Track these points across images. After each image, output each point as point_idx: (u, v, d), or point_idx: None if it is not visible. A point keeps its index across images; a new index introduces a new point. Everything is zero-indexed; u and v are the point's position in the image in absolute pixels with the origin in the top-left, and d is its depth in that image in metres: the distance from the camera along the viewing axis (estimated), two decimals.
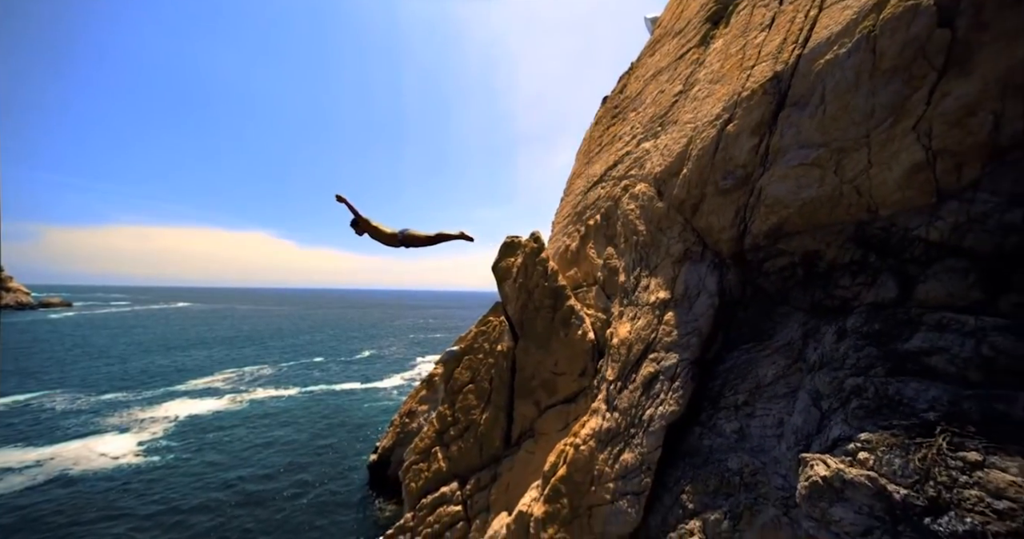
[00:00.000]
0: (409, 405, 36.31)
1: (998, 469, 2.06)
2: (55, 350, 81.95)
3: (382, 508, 29.79)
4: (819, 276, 3.90)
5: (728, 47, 5.80)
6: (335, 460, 37.13)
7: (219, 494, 28.86)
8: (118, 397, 53.36)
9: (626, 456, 4.64)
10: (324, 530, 25.65)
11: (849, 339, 3.39)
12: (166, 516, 25.50)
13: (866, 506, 2.54)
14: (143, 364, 71.89)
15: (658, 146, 6.90)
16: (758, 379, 4.13)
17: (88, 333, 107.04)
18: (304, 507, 27.98)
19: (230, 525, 24.78)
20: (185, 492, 29.60)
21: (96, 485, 29.83)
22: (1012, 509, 1.95)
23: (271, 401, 54.99)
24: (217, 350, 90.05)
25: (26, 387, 56.33)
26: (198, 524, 25.10)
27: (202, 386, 61.16)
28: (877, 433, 2.69)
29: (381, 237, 4.76)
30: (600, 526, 4.52)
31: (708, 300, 4.89)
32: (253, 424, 45.38)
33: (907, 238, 3.08)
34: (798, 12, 4.33)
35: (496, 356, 7.34)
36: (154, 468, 34.12)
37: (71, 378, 60.45)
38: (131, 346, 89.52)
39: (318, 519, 26.63)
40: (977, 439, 2.24)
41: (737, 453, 3.93)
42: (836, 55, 3.52)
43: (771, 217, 4.12)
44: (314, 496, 29.69)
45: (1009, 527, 1.93)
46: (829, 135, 3.56)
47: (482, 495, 6.86)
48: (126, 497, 28.79)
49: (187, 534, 23.38)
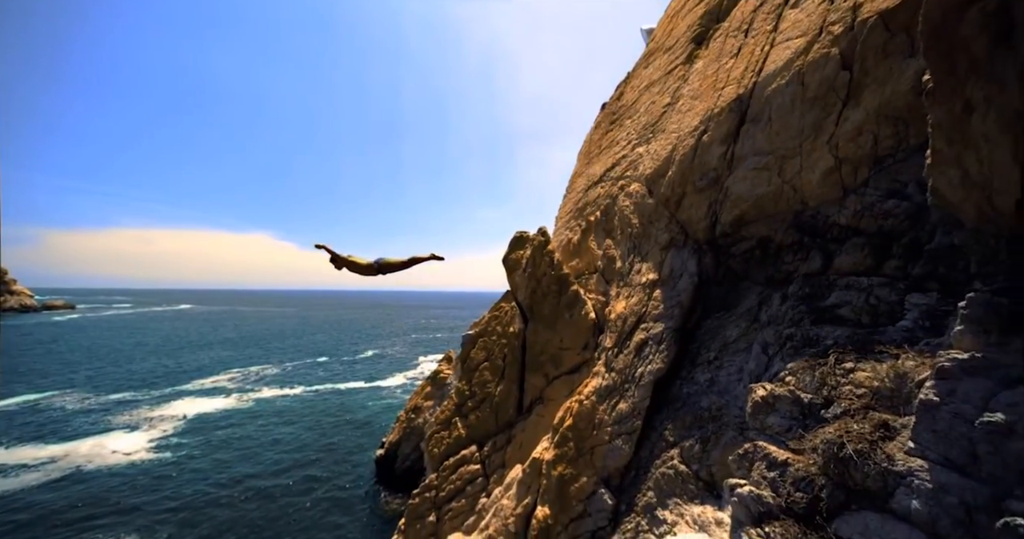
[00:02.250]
0: (415, 401, 37.30)
1: (860, 370, 3.13)
2: (61, 351, 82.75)
3: (389, 501, 30.73)
4: (771, 256, 4.96)
5: (706, 68, 6.89)
6: (342, 456, 38.05)
7: (230, 490, 29.76)
8: (126, 396, 54.22)
9: (621, 406, 5.69)
10: (333, 524, 26.61)
11: (789, 302, 4.46)
12: (179, 512, 26.46)
13: (787, 412, 3.60)
14: (149, 365, 72.71)
15: (649, 151, 7.98)
16: (725, 339, 5.18)
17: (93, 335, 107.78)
18: (313, 502, 28.91)
19: (243, 520, 25.76)
20: (196, 488, 30.53)
21: (110, 481, 30.76)
22: (865, 392, 3.02)
23: (277, 400, 55.85)
24: (221, 351, 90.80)
25: (36, 387, 57.22)
26: (211, 519, 26.03)
27: (208, 386, 61.97)
28: (798, 362, 3.75)
29: (358, 269, 5.21)
30: (600, 461, 5.56)
31: (689, 279, 5.95)
32: (260, 422, 46.28)
33: (827, 223, 4.15)
34: (756, 46, 5.41)
35: (508, 337, 8.40)
36: (165, 465, 35.01)
37: (79, 378, 61.32)
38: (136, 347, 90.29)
39: (327, 514, 27.60)
40: (853, 355, 3.30)
41: (708, 396, 4.99)
42: (779, 85, 4.60)
43: (734, 210, 5.19)
44: (323, 491, 30.59)
45: (863, 403, 2.99)
46: (774, 145, 4.63)
47: (498, 455, 7.90)
48: (139, 493, 29.73)
49: (200, 529, 24.37)
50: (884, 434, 2.71)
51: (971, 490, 2.13)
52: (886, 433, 2.71)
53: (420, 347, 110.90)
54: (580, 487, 5.58)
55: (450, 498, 7.91)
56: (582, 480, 5.60)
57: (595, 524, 5.32)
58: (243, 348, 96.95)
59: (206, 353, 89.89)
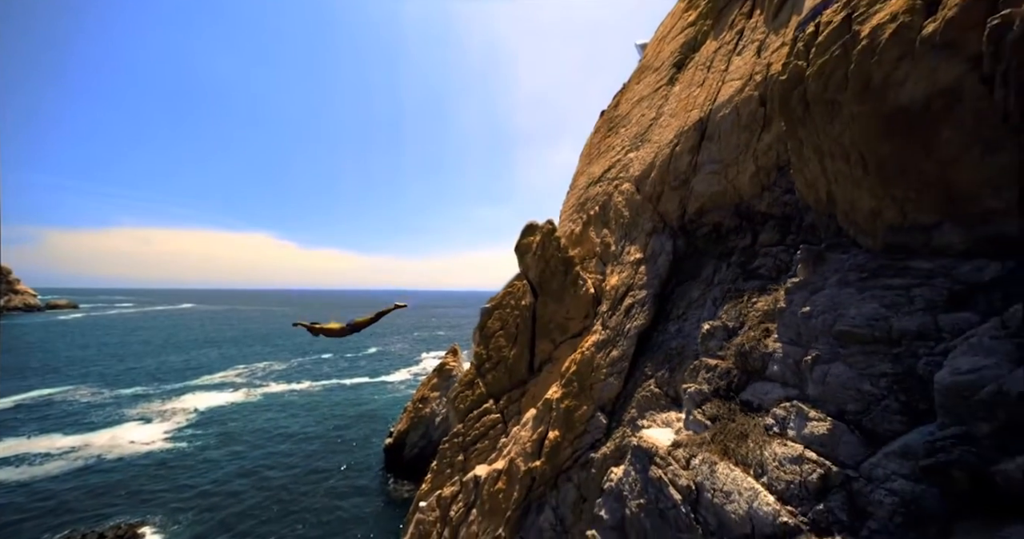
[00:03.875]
0: (422, 392, 39.08)
1: (760, 302, 4.94)
2: (71, 349, 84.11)
3: (398, 487, 32.43)
4: (722, 236, 6.78)
5: (681, 92, 8.72)
6: (350, 447, 39.77)
7: (245, 479, 31.35)
8: (138, 391, 55.78)
9: (614, 353, 7.49)
10: (346, 509, 28.35)
11: (731, 268, 6.29)
12: (198, 498, 28.11)
13: (720, 335, 5.41)
14: (157, 361, 74.13)
15: (638, 157, 9.80)
16: (690, 299, 6.99)
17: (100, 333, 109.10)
18: (326, 490, 30.56)
19: (260, 505, 27.38)
20: (213, 477, 32.19)
21: (130, 469, 32.39)
22: (760, 314, 4.83)
23: (284, 394, 57.43)
24: (227, 348, 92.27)
25: (50, 383, 58.69)
26: (229, 505, 27.58)
27: (217, 381, 63.50)
28: (729, 304, 5.56)
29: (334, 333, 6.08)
30: (597, 394, 7.35)
31: (666, 257, 7.76)
32: (269, 415, 47.93)
33: (754, 211, 5.97)
34: (713, 81, 7.23)
35: (520, 309, 10.17)
36: (182, 455, 36.63)
37: (91, 374, 62.86)
38: (143, 345, 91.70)
39: (339, 499, 29.35)
40: (759, 294, 5.12)
41: (676, 339, 6.80)
42: (725, 113, 6.42)
43: (696, 203, 7.00)
44: (334, 479, 32.20)
45: (759, 320, 4.80)
46: (721, 156, 6.45)
47: (514, 405, 9.70)
48: (158, 480, 31.37)
49: (219, 514, 25.98)
50: (765, 334, 4.53)
51: (799, 352, 3.95)
52: (766, 333, 4.53)
53: (422, 344, 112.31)
54: (581, 414, 7.38)
55: (475, 441, 9.72)
56: (583, 409, 7.40)
57: (592, 438, 7.12)
58: (248, 346, 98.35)
59: (212, 350, 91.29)
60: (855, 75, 3.09)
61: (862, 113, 3.10)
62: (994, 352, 2.39)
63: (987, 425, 2.30)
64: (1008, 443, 2.21)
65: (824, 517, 3.12)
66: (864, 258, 3.58)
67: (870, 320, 3.23)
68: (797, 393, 3.83)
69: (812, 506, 3.21)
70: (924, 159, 2.81)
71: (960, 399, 2.42)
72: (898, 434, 2.87)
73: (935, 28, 2.59)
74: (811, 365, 3.64)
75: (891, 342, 3.07)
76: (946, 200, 2.81)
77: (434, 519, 9.47)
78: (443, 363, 40.23)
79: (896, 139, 2.93)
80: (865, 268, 3.50)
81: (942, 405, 2.53)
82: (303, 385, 61.88)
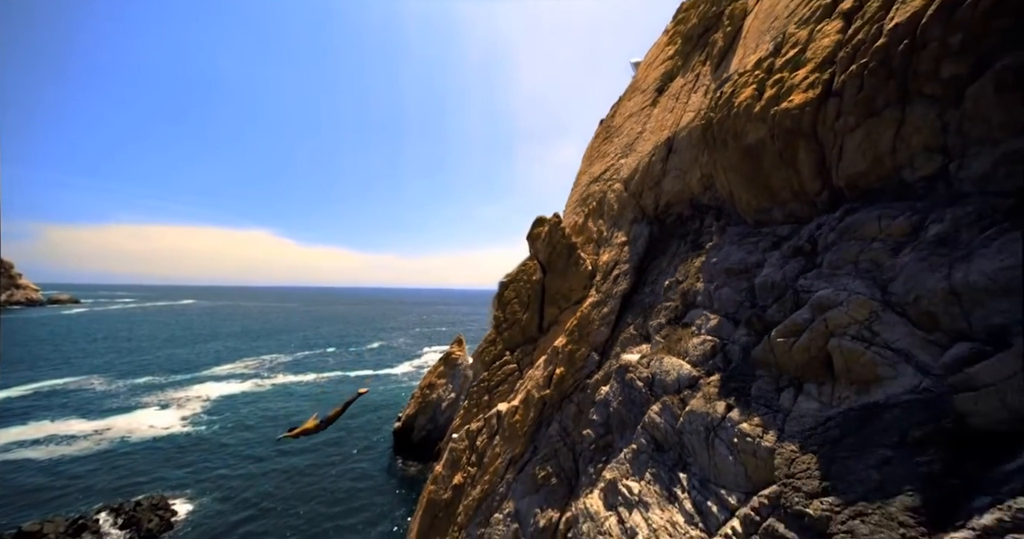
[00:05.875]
0: (429, 379, 41.77)
1: (698, 260, 7.59)
2: (79, 341, 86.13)
3: (407, 467, 35.04)
4: (683, 222, 9.42)
5: (659, 114, 11.37)
6: (359, 433, 42.37)
7: (260, 462, 33.78)
8: (150, 381, 58.10)
9: (604, 310, 10.13)
10: (358, 488, 30.93)
11: (687, 243, 8.93)
12: (218, 478, 30.61)
13: (673, 287, 8.05)
14: (166, 354, 76.32)
15: (627, 163, 12.44)
16: (660, 268, 9.64)
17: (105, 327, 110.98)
18: (338, 471, 33.10)
19: (276, 485, 29.85)
20: (230, 459, 34.66)
21: (153, 451, 34.85)
22: (695, 268, 7.48)
23: (292, 385, 59.83)
24: (232, 342, 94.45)
25: (63, 373, 60.86)
26: (247, 484, 29.99)
27: (226, 372, 65.82)
28: (682, 266, 8.20)
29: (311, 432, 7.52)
30: (592, 340, 9.98)
31: (643, 240, 10.40)
32: (280, 404, 50.43)
33: (701, 203, 8.62)
34: (679, 109, 9.89)
35: (531, 283, 12.80)
36: (199, 438, 39.08)
37: (103, 365, 65.08)
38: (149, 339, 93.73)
39: (351, 479, 31.96)
40: (694, 255, 7.77)
41: (649, 298, 9.45)
42: (683, 135, 9.07)
43: (665, 198, 9.66)
44: (345, 461, 34.73)
45: (695, 270, 7.45)
46: (681, 165, 9.11)
47: (527, 358, 12.33)
48: (179, 462, 33.87)
49: (239, 492, 28.39)
50: (697, 280, 7.18)
51: (711, 286, 6.60)
52: (698, 279, 7.17)
53: (424, 339, 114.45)
54: (581, 354, 10.02)
55: (498, 384, 12.37)
56: (582, 350, 10.03)
57: (588, 370, 9.76)
58: (252, 340, 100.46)
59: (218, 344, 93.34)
60: (731, 126, 5.74)
61: (735, 148, 5.74)
62: (780, 266, 5.06)
63: (771, 299, 4.96)
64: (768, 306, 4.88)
65: (712, 368, 5.77)
66: (743, 228, 6.24)
67: (740, 261, 5.89)
68: (708, 309, 6.49)
69: (706, 364, 5.86)
70: (759, 173, 5.45)
71: (765, 289, 5.09)
72: (746, 317, 5.54)
73: (759, 107, 5.23)
74: (713, 291, 6.31)
75: (747, 271, 5.72)
76: (770, 195, 5.46)
77: (463, 447, 12.11)
78: (449, 352, 42.83)
79: (749, 163, 5.57)
80: (742, 233, 6.16)
81: (759, 293, 5.20)
82: (310, 377, 64.23)
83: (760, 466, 4.09)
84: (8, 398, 46.97)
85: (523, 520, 9.17)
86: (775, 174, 5.22)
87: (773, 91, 5.04)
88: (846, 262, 4.01)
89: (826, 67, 4.37)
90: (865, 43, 3.86)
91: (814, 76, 4.43)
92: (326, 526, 24.21)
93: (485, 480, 11.00)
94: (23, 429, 38.37)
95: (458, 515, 11.23)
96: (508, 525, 9.64)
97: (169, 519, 23.54)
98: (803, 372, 4.04)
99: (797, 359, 4.05)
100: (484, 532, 10.29)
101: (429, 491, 12.20)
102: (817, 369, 3.90)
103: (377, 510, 27.48)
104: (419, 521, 12.11)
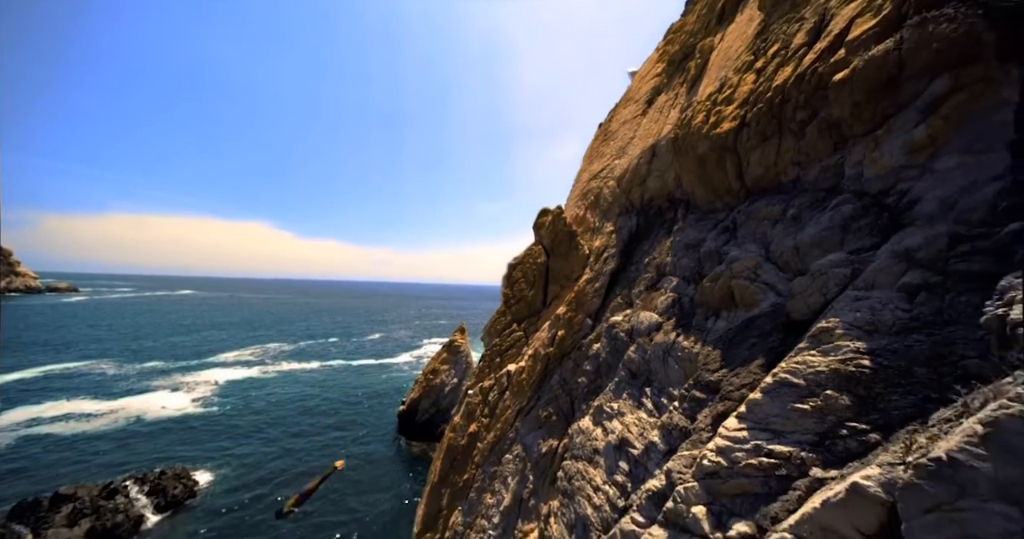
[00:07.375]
0: (433, 365, 44.15)
1: (680, 231, 9.87)
2: (83, 328, 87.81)
3: (411, 446, 37.36)
4: (662, 213, 11.68)
5: (647, 124, 13.61)
6: (363, 417, 44.74)
7: (271, 443, 36.01)
8: (158, 366, 60.10)
9: (596, 285, 12.42)
10: (366, 465, 33.13)
11: (664, 230, 11.20)
12: (232, 456, 32.83)
13: (652, 262, 10.32)
14: (171, 341, 78.26)
15: (620, 164, 14.69)
16: (643, 251, 11.91)
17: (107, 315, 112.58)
18: (346, 451, 35.33)
19: (287, 463, 31.98)
20: (242, 438, 36.89)
21: (166, 431, 37.02)
22: (670, 243, 9.76)
23: (297, 372, 62.01)
24: (235, 331, 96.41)
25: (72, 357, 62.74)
26: (260, 462, 32.30)
27: (232, 359, 67.89)
28: (658, 247, 10.47)
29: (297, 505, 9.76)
30: (587, 308, 12.28)
31: (629, 228, 12.66)
32: (286, 389, 52.68)
33: (675, 198, 10.88)
34: (662, 121, 12.13)
35: (536, 265, 15.06)
36: (211, 420, 41.27)
37: (110, 351, 66.94)
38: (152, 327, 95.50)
39: (359, 458, 34.18)
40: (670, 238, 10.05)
41: (633, 273, 11.72)
42: (663, 143, 11.32)
43: (648, 194, 11.93)
44: (352, 443, 37.07)
45: (682, 249, 9.72)
46: (661, 167, 11.36)
47: (532, 328, 14.62)
48: (194, 440, 36.09)
49: (254, 469, 30.53)
50: (667, 255, 9.44)
51: (674, 258, 8.88)
52: (668, 255, 9.43)
53: (424, 332, 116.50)
54: (578, 320, 12.32)
55: (507, 348, 14.68)
56: (579, 317, 12.33)
57: (584, 333, 12.07)
58: (255, 329, 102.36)
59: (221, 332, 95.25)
60: (690, 141, 7.99)
61: (692, 156, 7.99)
62: (715, 240, 7.33)
63: (709, 263, 7.24)
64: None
65: (671, 314, 8.04)
66: (698, 215, 8.52)
67: (694, 238, 8.16)
68: (673, 274, 8.77)
69: (668, 312, 8.14)
70: (706, 175, 7.71)
71: (706, 256, 7.38)
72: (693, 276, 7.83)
73: (706, 128, 7.47)
74: (676, 261, 8.60)
75: (698, 246, 7.99)
76: (713, 191, 7.72)
77: (478, 401, 14.41)
78: (452, 340, 45.13)
79: (700, 168, 7.82)
80: (697, 218, 8.44)
81: (703, 259, 7.50)
82: (313, 364, 66.39)
83: (690, 366, 6.37)
84: (22, 379, 48.89)
85: (529, 450, 11.49)
86: (715, 176, 7.48)
87: (715, 119, 7.28)
88: (749, 234, 6.28)
89: (744, 106, 6.60)
90: (762, 94, 6.11)
91: (736, 112, 6.67)
92: (335, 497, 26.47)
93: (497, 427, 13.31)
94: (41, 407, 40.39)
95: (474, 456, 13.54)
96: (516, 463, 11.97)
97: (192, 487, 25.65)
98: (719, 304, 6.31)
99: (716, 295, 6.31)
100: (497, 470, 12.63)
101: (448, 438, 14.50)
102: (727, 301, 6.17)
103: (383, 483, 29.86)
104: (440, 462, 14.41)
